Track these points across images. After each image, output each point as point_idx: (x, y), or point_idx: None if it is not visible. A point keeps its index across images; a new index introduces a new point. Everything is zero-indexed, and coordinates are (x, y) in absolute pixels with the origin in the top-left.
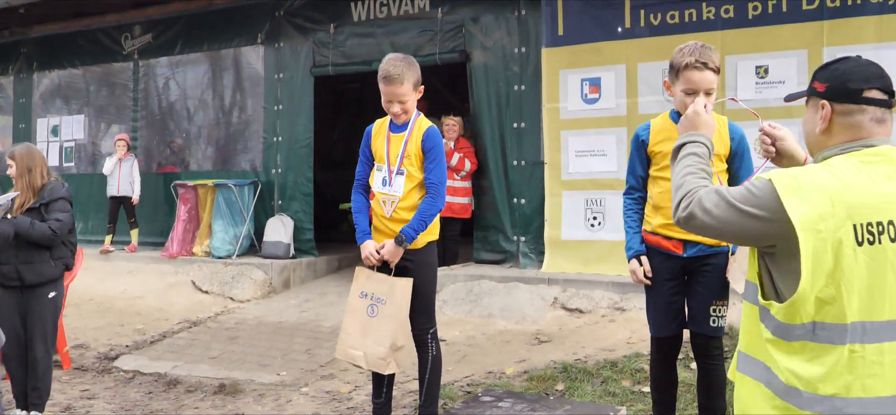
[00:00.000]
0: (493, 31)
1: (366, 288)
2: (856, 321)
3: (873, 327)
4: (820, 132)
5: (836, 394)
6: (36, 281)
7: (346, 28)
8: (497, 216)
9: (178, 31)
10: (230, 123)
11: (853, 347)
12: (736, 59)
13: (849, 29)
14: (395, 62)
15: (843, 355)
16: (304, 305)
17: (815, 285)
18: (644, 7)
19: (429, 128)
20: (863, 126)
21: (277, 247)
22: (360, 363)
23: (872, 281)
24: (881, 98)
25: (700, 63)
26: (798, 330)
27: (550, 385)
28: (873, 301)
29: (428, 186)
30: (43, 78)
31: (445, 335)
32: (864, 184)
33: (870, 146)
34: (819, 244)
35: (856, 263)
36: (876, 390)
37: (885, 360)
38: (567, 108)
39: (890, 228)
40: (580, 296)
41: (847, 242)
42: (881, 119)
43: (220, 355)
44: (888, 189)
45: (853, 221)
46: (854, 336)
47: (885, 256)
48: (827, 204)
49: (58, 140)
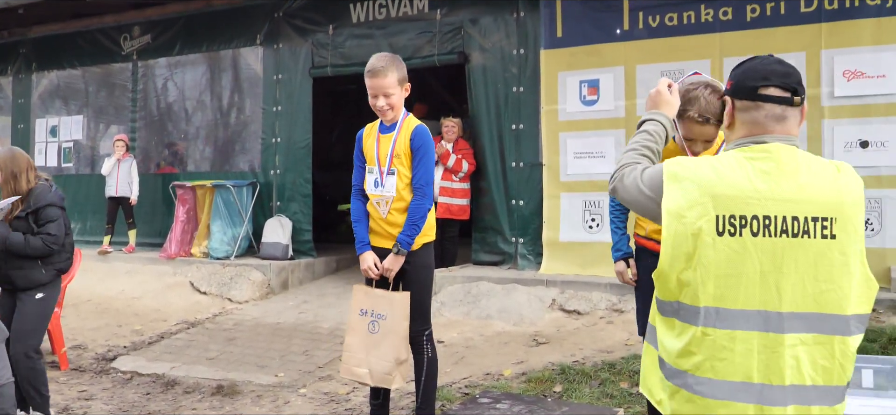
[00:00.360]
0: (492, 33)
1: (365, 306)
2: (709, 306)
3: (726, 313)
4: (726, 127)
5: (689, 371)
6: (25, 286)
7: (344, 29)
8: (495, 218)
9: (177, 31)
10: (229, 124)
11: (706, 330)
12: (734, 62)
13: (847, 31)
14: (379, 57)
15: (696, 336)
16: (302, 307)
17: (675, 267)
18: (643, 9)
19: (417, 127)
20: (758, 122)
21: (276, 248)
22: (365, 381)
23: (729, 270)
24: (779, 95)
25: (702, 118)
26: (668, 306)
27: (548, 387)
28: (728, 289)
29: (414, 187)
30: (42, 78)
31: (443, 337)
32: (738, 179)
33: (761, 143)
34: (681, 230)
35: (714, 251)
36: (724, 373)
37: (735, 347)
38: (566, 109)
39: (753, 222)
40: (578, 298)
41: (707, 231)
42: (780, 116)
43: (217, 356)
44: (760, 186)
45: (717, 212)
46: (707, 319)
47: (744, 249)
48: (696, 194)
49: (56, 141)
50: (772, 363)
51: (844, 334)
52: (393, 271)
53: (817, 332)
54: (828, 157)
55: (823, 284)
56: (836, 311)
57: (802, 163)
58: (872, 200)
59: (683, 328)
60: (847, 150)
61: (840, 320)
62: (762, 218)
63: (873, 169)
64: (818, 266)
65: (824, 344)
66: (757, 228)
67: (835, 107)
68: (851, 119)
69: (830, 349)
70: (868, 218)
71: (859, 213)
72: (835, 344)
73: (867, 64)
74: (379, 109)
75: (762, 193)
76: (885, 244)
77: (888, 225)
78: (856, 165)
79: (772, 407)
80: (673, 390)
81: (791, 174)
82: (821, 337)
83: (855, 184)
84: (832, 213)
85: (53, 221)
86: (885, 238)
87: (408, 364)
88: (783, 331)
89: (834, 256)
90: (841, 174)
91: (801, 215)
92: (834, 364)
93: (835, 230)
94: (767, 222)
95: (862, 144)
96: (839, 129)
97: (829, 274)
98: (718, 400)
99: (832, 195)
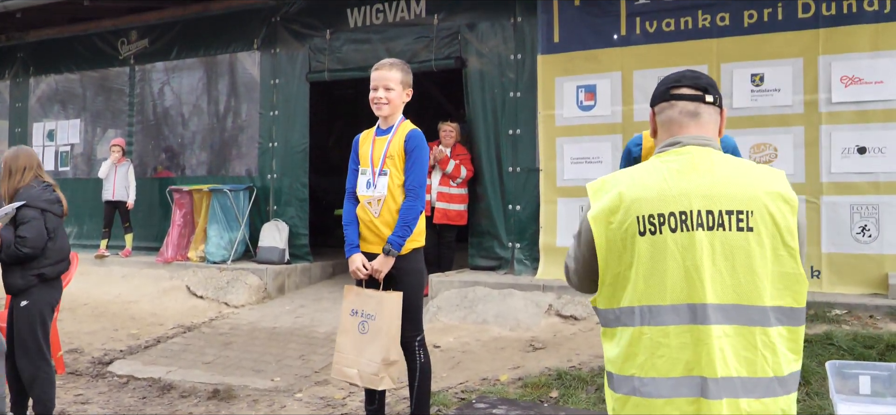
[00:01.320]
0: (489, 38)
1: (355, 306)
2: (643, 305)
3: (658, 310)
4: (653, 136)
5: (634, 374)
6: (10, 291)
7: (342, 34)
8: (492, 223)
9: (175, 36)
10: (226, 129)
11: (642, 328)
12: (731, 67)
13: (844, 37)
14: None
15: (635, 337)
16: (298, 311)
17: (610, 270)
18: (640, 15)
19: (412, 130)
20: (674, 120)
21: (272, 252)
22: (354, 382)
23: (654, 267)
24: (690, 93)
25: None
26: (610, 315)
27: (545, 392)
28: (656, 287)
29: (407, 189)
30: (39, 82)
31: (440, 342)
32: (653, 180)
33: (677, 143)
34: (610, 234)
35: (640, 251)
36: (665, 370)
37: (670, 342)
38: (562, 115)
39: (670, 218)
40: (575, 303)
41: (631, 232)
42: (694, 112)
43: (214, 361)
44: (674, 184)
45: (637, 214)
46: (643, 319)
47: (665, 246)
48: (616, 199)
49: (53, 144)
50: (704, 356)
51: (764, 325)
52: (382, 272)
53: (736, 323)
54: (825, 162)
55: (741, 276)
56: (755, 302)
57: (716, 160)
58: (870, 206)
59: (623, 332)
60: (845, 156)
61: (758, 311)
62: (679, 214)
63: (871, 175)
64: (735, 258)
65: (744, 335)
66: (675, 225)
67: (832, 113)
68: (849, 125)
69: (751, 340)
70: (865, 224)
71: (779, 206)
72: (756, 335)
73: (865, 70)
74: (376, 100)
75: (676, 190)
76: (882, 251)
77: (886, 232)
78: (853, 171)
79: (709, 400)
80: (624, 401)
81: (704, 171)
82: (740, 328)
83: (773, 177)
84: (747, 206)
85: (26, 222)
86: (883, 244)
87: (398, 366)
88: (709, 322)
89: (751, 248)
90: (758, 168)
91: (715, 209)
92: (757, 355)
93: (751, 223)
94: (683, 218)
95: (859, 150)
96: (837, 135)
97: (747, 266)
98: (664, 398)
99: (746, 189)
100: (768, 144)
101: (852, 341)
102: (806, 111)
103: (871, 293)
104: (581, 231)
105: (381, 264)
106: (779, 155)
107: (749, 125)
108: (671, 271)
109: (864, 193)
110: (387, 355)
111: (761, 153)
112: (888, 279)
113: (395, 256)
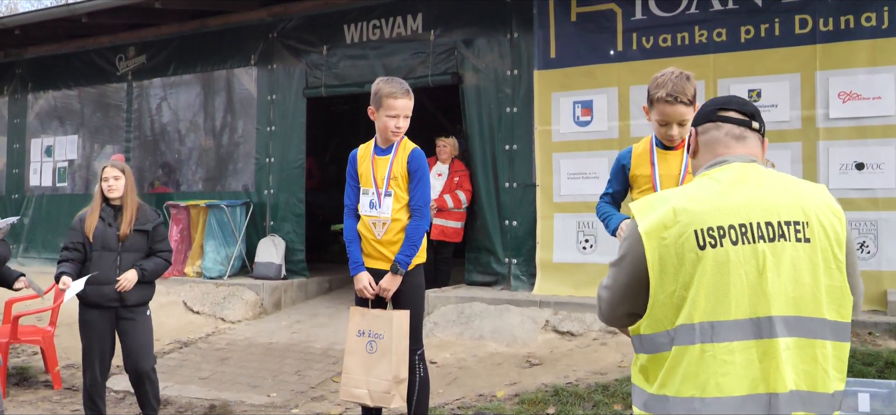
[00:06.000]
0: (486, 54)
1: (362, 326)
2: (704, 321)
3: (721, 326)
4: (691, 156)
5: (694, 395)
6: (137, 301)
7: (338, 50)
8: (489, 238)
9: (172, 52)
10: (223, 144)
11: (704, 346)
12: (728, 83)
13: (841, 53)
14: (398, 81)
15: (696, 355)
16: (295, 327)
17: (666, 289)
18: (636, 30)
19: (414, 149)
20: (719, 141)
21: (269, 268)
22: (365, 402)
23: (717, 282)
24: (737, 117)
25: (671, 97)
26: (662, 338)
27: (541, 408)
28: (719, 302)
29: (413, 209)
30: (37, 98)
31: (436, 357)
32: (708, 194)
33: (724, 162)
34: (663, 250)
35: (700, 266)
36: (729, 388)
37: (735, 359)
38: (559, 130)
39: (731, 231)
40: (572, 319)
41: (689, 247)
42: (739, 136)
43: (210, 376)
44: (735, 196)
45: (695, 227)
46: (704, 336)
47: (727, 259)
48: (669, 213)
49: (51, 160)
50: (772, 371)
51: (823, 338)
52: (390, 291)
53: (798, 336)
54: (823, 178)
55: (803, 287)
56: (815, 314)
57: (766, 173)
58: (868, 222)
59: (680, 352)
60: (842, 171)
61: (818, 324)
62: (739, 226)
63: (869, 191)
64: (797, 269)
65: (805, 348)
66: (736, 237)
67: (830, 128)
68: (847, 141)
69: (812, 353)
70: (864, 240)
71: (829, 218)
72: (816, 348)
73: (862, 85)
74: (397, 129)
75: (733, 202)
76: (881, 267)
77: (884, 247)
78: (851, 187)
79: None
80: None
81: (756, 184)
82: (802, 341)
83: (820, 190)
84: (803, 217)
85: (166, 237)
86: (881, 261)
87: (407, 384)
88: (775, 336)
89: (810, 258)
90: (804, 181)
91: (775, 220)
92: (817, 369)
93: (808, 234)
94: (744, 230)
95: (857, 166)
96: (834, 150)
97: (808, 277)
98: None
99: (800, 200)
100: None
101: (851, 359)
102: (803, 127)
103: (871, 310)
104: (624, 255)
105: (389, 283)
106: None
107: None
108: (735, 285)
109: (863, 209)
110: (397, 373)
111: None
112: (887, 296)
113: (403, 274)
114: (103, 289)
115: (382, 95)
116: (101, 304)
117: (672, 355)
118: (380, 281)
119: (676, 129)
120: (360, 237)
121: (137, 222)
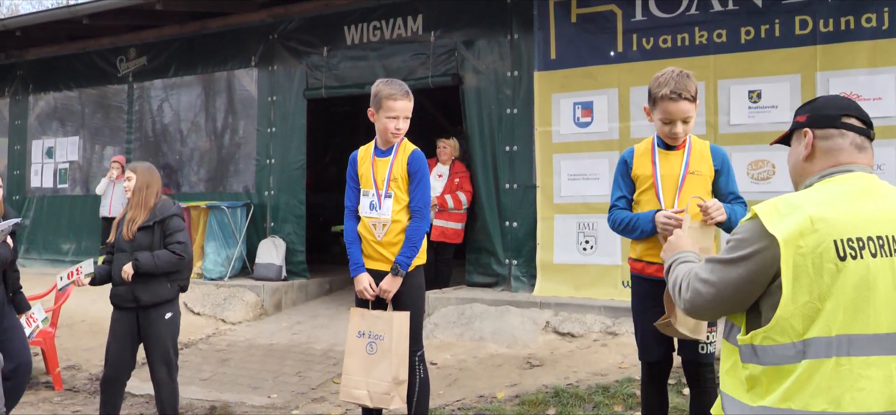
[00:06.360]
0: (486, 55)
1: (362, 327)
2: (841, 334)
3: (859, 339)
4: (803, 159)
5: (826, 409)
6: (151, 301)
7: (339, 51)
8: (489, 239)
9: (173, 53)
10: (223, 145)
11: (840, 359)
12: (729, 84)
13: (842, 54)
14: (398, 82)
15: (830, 369)
16: (295, 328)
17: (798, 299)
18: (636, 31)
19: (413, 151)
20: (843, 150)
21: (269, 269)
22: (364, 402)
23: (857, 295)
24: (859, 126)
25: (674, 94)
26: (789, 350)
27: (542, 410)
28: (858, 315)
29: (413, 210)
30: (38, 100)
31: (437, 359)
32: (844, 202)
33: (848, 171)
34: (799, 259)
35: (838, 277)
36: (866, 404)
37: (872, 373)
38: (559, 131)
39: (869, 243)
40: (572, 320)
41: (828, 258)
42: (861, 146)
43: (211, 377)
44: (868, 207)
45: (834, 237)
46: (840, 349)
47: (867, 271)
48: (806, 222)
49: (52, 161)
50: None
51: None
52: (390, 293)
53: None
54: None
55: None
56: None
57: (886, 186)
58: None
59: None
60: None
61: None
62: (876, 238)
63: None
64: None
65: None
66: (874, 249)
67: None
68: None
69: None
70: None
71: None
72: None
73: (863, 86)
74: (397, 131)
75: (867, 213)
76: None
77: None
78: None
79: None
80: None
81: (882, 196)
82: None
83: None
84: None
85: (180, 230)
86: None
87: (407, 385)
88: None
89: None
90: None
91: None
92: None
93: None
94: (881, 242)
95: None
96: None
97: None
98: None
99: None
100: (766, 160)
101: None
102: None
103: None
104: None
105: (389, 285)
106: (776, 172)
107: (747, 142)
108: (875, 299)
109: None
110: (397, 374)
111: (759, 170)
112: None
113: (403, 275)
114: (119, 290)
115: (382, 97)
116: (120, 305)
117: (803, 368)
118: (380, 282)
119: (680, 126)
120: (360, 239)
121: (145, 220)
